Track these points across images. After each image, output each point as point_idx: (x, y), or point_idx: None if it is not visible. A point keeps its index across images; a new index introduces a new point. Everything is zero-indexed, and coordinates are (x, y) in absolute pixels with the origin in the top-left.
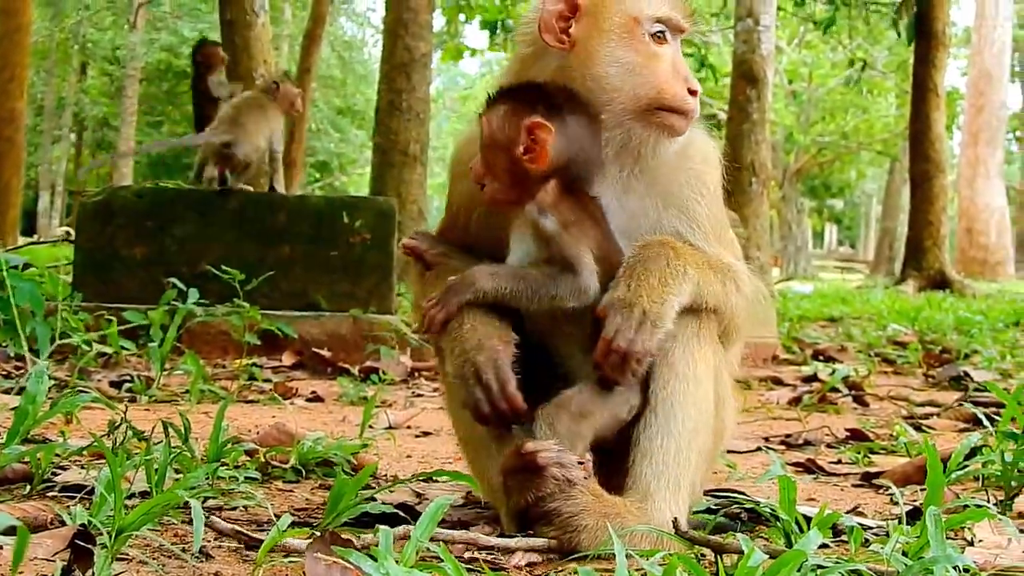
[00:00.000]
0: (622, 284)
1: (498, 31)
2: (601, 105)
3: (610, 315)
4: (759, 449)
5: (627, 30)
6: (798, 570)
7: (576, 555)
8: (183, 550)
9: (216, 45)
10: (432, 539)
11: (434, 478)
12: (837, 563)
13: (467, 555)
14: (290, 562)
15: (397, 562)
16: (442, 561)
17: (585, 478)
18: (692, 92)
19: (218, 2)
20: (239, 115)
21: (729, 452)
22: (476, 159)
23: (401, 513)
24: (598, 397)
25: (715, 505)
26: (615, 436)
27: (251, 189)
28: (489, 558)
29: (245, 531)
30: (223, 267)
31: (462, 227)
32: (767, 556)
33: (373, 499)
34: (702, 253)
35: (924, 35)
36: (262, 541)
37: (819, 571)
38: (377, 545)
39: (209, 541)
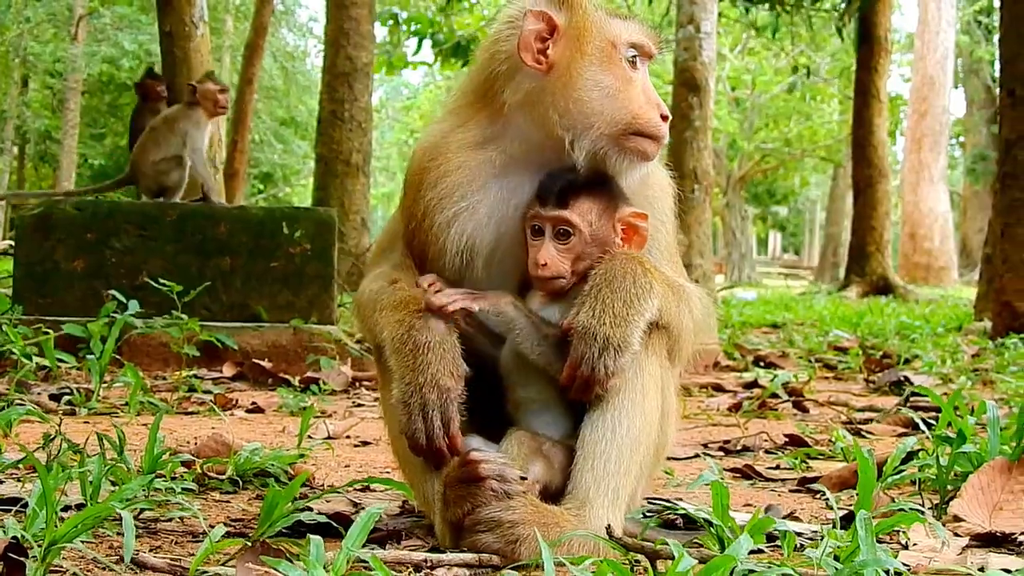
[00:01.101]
0: (587, 307)
1: (426, 43)
2: (577, 129)
3: (575, 342)
4: (697, 456)
5: (606, 54)
6: (729, 575)
7: (514, 564)
8: (117, 562)
9: (156, 78)
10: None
11: (370, 487)
12: (768, 568)
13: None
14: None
15: (327, 570)
16: (373, 570)
17: (524, 493)
18: (663, 118)
19: (157, 14)
20: (142, 141)
21: (668, 459)
22: (548, 256)
23: (334, 523)
24: (568, 462)
25: (650, 512)
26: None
27: (187, 202)
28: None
29: (176, 562)
30: (161, 280)
31: (422, 238)
32: (697, 561)
33: (308, 509)
34: (663, 273)
35: (867, 41)
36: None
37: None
38: (309, 555)
39: (143, 551)
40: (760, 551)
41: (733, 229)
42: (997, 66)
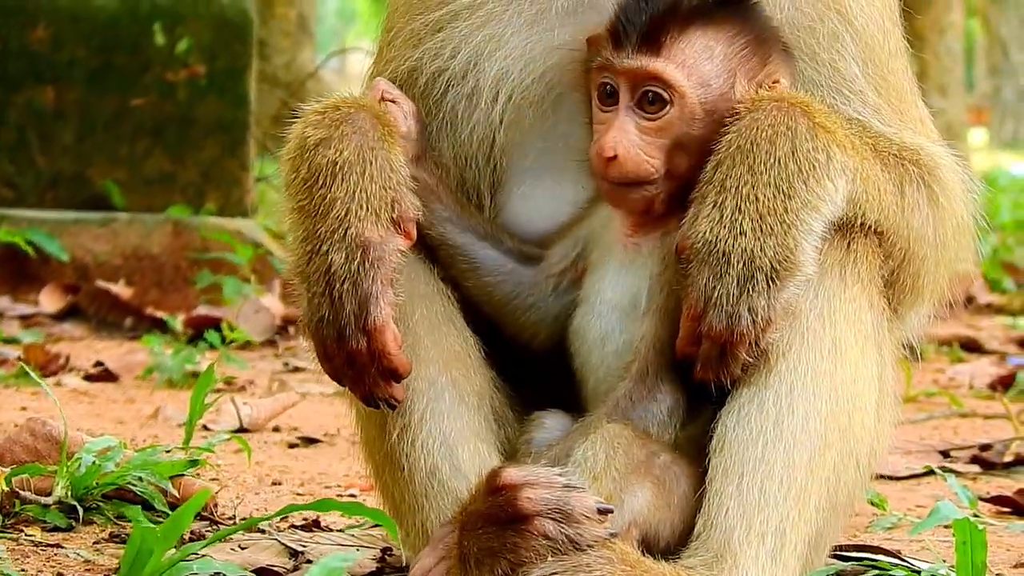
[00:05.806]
0: (709, 206)
1: None
2: None
3: (694, 270)
4: (930, 472)
5: None
6: None
7: None
8: None
9: None
10: None
11: (320, 520)
12: None
13: None
14: None
15: None
16: None
17: (608, 541)
18: None
19: None
20: None
21: (877, 477)
22: (622, 140)
23: None
24: (697, 486)
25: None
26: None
27: None
28: None
29: None
30: None
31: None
32: None
33: (208, 559)
34: (860, 126)
35: None
36: None
37: None
38: None
39: None
40: None
41: (1003, 41)
42: None
